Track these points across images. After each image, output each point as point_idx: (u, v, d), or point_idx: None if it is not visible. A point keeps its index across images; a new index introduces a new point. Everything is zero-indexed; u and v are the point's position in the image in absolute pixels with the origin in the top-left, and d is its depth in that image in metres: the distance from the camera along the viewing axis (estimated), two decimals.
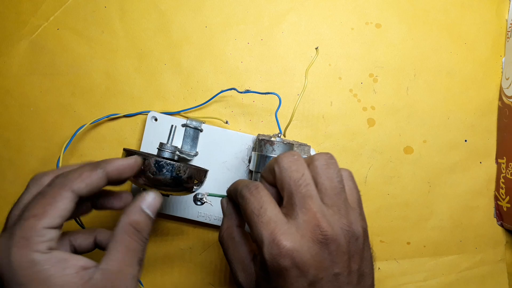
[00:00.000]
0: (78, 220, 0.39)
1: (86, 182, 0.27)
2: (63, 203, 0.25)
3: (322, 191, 0.28)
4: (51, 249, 0.24)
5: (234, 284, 0.31)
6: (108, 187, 0.30)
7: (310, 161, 0.29)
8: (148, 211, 0.28)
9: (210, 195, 0.35)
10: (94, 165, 0.28)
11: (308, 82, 0.39)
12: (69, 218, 0.26)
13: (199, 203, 0.35)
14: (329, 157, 0.29)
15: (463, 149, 0.46)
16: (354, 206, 0.29)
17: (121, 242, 0.26)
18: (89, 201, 0.31)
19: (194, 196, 0.35)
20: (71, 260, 0.25)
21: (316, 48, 0.42)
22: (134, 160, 0.30)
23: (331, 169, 0.29)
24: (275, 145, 0.36)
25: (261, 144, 0.37)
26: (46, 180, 0.28)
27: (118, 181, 0.29)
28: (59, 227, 0.26)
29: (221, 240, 0.32)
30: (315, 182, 0.28)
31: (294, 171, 0.28)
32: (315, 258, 0.26)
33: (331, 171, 0.28)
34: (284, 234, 0.26)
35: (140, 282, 0.39)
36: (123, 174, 0.29)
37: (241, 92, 0.42)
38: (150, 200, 0.29)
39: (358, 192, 0.30)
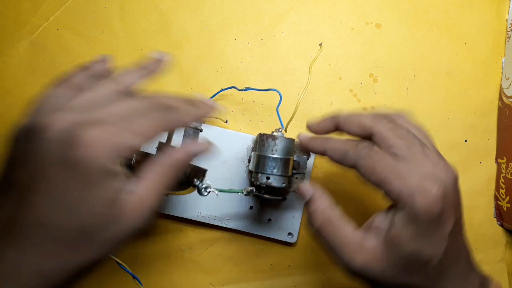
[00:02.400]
0: None
1: (179, 126, 0.28)
2: (155, 135, 0.25)
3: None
4: (118, 164, 0.24)
5: (347, 273, 0.28)
6: None
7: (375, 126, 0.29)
8: (193, 160, 0.28)
9: (220, 190, 0.35)
10: (195, 114, 0.29)
11: (309, 78, 0.39)
12: None
13: (205, 193, 0.34)
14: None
15: (463, 149, 0.46)
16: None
17: (160, 172, 0.26)
18: None
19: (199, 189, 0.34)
20: (119, 174, 0.24)
21: (320, 44, 0.42)
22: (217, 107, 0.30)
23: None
24: (277, 139, 0.36)
25: (262, 138, 0.37)
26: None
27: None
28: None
29: (318, 228, 0.29)
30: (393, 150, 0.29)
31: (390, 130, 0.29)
32: (454, 199, 0.27)
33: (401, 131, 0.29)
34: (431, 181, 0.26)
35: (140, 282, 0.39)
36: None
37: (241, 90, 0.42)
38: (202, 149, 0.29)
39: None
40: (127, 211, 0.24)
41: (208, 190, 0.34)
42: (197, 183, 0.35)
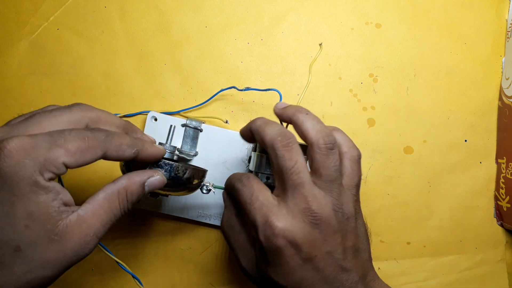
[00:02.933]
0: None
1: (118, 154, 0.27)
2: (91, 157, 0.26)
3: (317, 175, 0.29)
4: (51, 179, 0.24)
5: (240, 270, 0.33)
6: None
7: (310, 145, 0.29)
8: (147, 188, 0.29)
9: (215, 187, 0.36)
10: (133, 142, 0.29)
11: (309, 78, 0.39)
12: None
13: (205, 191, 0.36)
14: (330, 144, 0.29)
15: (463, 149, 0.46)
16: (350, 188, 0.30)
17: (108, 200, 0.27)
18: None
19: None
20: (62, 193, 0.25)
21: (320, 44, 0.43)
22: (162, 152, 0.31)
23: (330, 159, 0.29)
24: None
25: None
26: (91, 115, 0.29)
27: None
28: (69, 168, 0.26)
29: (222, 230, 0.35)
30: (311, 166, 0.29)
31: (287, 160, 0.29)
32: (307, 237, 0.28)
33: (329, 161, 0.29)
34: (276, 215, 0.28)
35: (140, 282, 0.39)
36: (147, 160, 0.30)
37: (241, 90, 0.42)
38: (155, 181, 0.30)
39: (359, 175, 0.32)
40: (67, 232, 0.24)
41: (209, 188, 0.36)
42: (194, 188, 0.35)
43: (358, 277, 0.29)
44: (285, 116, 0.32)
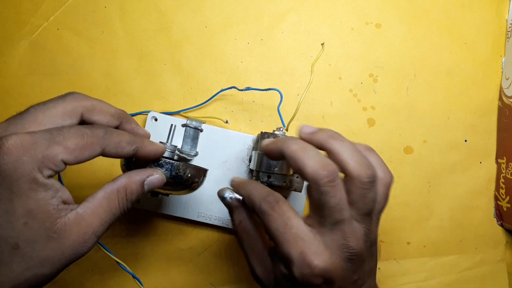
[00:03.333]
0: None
1: (117, 151, 0.27)
2: (90, 154, 0.26)
3: (354, 208, 0.28)
4: (50, 177, 0.24)
5: (251, 276, 0.32)
6: None
7: (350, 178, 0.27)
8: (146, 187, 0.29)
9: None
10: (132, 139, 0.28)
11: (311, 78, 0.39)
12: None
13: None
14: (372, 178, 0.27)
15: (463, 149, 0.46)
16: (377, 213, 0.29)
17: (107, 199, 0.27)
18: None
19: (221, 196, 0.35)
20: (61, 191, 0.25)
21: (322, 44, 0.43)
22: (162, 149, 0.31)
23: (371, 193, 0.28)
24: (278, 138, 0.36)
25: (264, 137, 0.37)
26: (85, 104, 0.29)
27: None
28: (68, 165, 0.26)
29: (236, 234, 0.33)
30: (349, 197, 0.28)
31: (331, 197, 0.27)
32: (343, 273, 0.27)
33: (370, 195, 0.27)
34: (315, 254, 0.27)
35: (140, 282, 0.39)
36: (146, 158, 0.30)
37: (241, 90, 0.42)
38: (154, 179, 0.29)
39: (387, 200, 0.30)
40: (66, 230, 0.24)
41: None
42: (194, 188, 0.35)
43: None
44: (315, 142, 0.29)
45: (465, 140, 0.46)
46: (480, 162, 0.46)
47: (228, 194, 0.34)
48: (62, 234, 0.24)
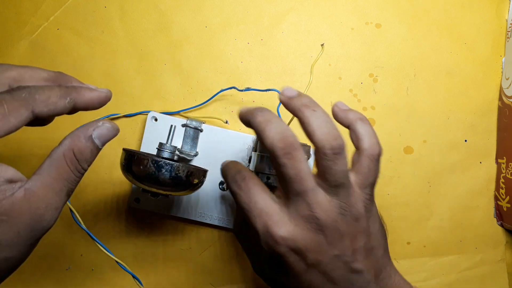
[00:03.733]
0: None
1: (50, 108, 0.25)
2: (17, 120, 0.23)
3: (322, 179, 0.27)
4: None
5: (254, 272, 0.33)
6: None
7: (316, 149, 0.27)
8: (97, 141, 0.26)
9: None
10: (64, 91, 0.26)
11: (311, 78, 0.39)
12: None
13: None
14: (338, 149, 0.27)
15: (463, 149, 0.46)
16: (362, 187, 0.29)
17: (55, 166, 0.24)
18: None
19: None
20: (1, 170, 0.23)
21: (322, 45, 0.43)
22: (105, 94, 0.28)
23: (337, 165, 0.27)
24: None
25: None
26: (11, 74, 0.26)
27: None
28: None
29: (234, 233, 0.34)
30: (317, 170, 0.28)
31: (289, 169, 0.27)
32: (311, 243, 0.27)
33: (335, 167, 0.27)
34: (277, 224, 0.27)
35: (140, 282, 0.39)
36: (90, 108, 0.27)
37: (241, 90, 0.42)
38: (103, 130, 0.26)
39: (376, 174, 0.29)
40: (14, 209, 0.23)
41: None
42: (194, 188, 0.35)
43: (371, 276, 0.29)
44: (290, 108, 0.29)
45: (465, 140, 0.46)
46: (480, 162, 0.46)
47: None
48: (11, 214, 0.23)
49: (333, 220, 0.27)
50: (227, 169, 0.31)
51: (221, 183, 0.36)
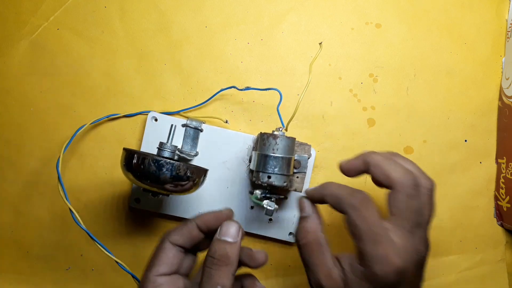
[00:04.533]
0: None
1: (180, 233, 0.32)
2: (165, 254, 0.32)
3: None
4: None
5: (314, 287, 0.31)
6: None
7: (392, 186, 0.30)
8: (227, 238, 0.31)
9: (256, 203, 0.37)
10: (190, 219, 0.33)
11: (310, 78, 0.39)
12: (179, 265, 0.33)
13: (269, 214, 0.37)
14: (414, 188, 0.30)
15: (463, 149, 0.46)
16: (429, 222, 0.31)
17: (205, 274, 0.30)
18: (193, 253, 0.35)
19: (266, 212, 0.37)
20: None
21: (320, 43, 0.43)
22: (225, 213, 0.33)
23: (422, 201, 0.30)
24: (278, 138, 0.36)
25: (263, 137, 0.37)
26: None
27: (211, 231, 0.33)
28: (169, 273, 0.32)
29: (305, 243, 0.32)
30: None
31: (416, 201, 0.30)
32: (411, 276, 0.29)
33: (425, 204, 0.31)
34: (397, 254, 0.28)
35: (137, 280, 0.39)
36: (210, 225, 0.33)
37: (241, 90, 0.42)
38: (229, 229, 0.31)
39: (431, 209, 0.31)
40: None
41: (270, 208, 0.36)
42: (194, 188, 0.35)
43: None
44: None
45: (465, 140, 0.46)
46: (480, 162, 0.46)
47: (307, 206, 0.33)
48: None
49: (426, 255, 0.31)
50: (334, 187, 0.32)
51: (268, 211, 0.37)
